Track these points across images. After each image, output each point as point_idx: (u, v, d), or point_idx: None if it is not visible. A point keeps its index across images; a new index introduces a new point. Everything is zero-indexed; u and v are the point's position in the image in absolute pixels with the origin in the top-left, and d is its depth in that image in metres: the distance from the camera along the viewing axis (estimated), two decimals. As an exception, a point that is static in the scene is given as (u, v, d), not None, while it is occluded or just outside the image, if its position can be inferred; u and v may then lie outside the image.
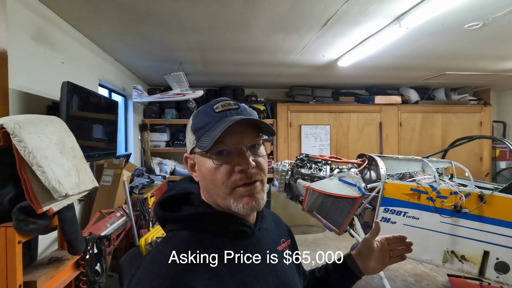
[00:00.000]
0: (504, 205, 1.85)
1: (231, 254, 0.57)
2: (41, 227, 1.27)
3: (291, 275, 0.68)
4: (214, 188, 0.60)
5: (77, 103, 1.99)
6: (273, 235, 0.71)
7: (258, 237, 0.65)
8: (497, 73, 4.04)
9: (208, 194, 0.63)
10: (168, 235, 0.61)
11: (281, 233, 0.75)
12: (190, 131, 0.63)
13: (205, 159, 0.60)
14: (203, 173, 0.61)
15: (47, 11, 2.02)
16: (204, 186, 0.63)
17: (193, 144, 0.61)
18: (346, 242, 3.88)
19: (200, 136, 0.59)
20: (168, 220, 0.63)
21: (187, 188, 0.67)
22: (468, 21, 2.29)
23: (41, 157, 1.15)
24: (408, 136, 4.99)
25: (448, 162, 2.31)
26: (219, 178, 0.58)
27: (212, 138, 0.56)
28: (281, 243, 0.72)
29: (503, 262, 1.84)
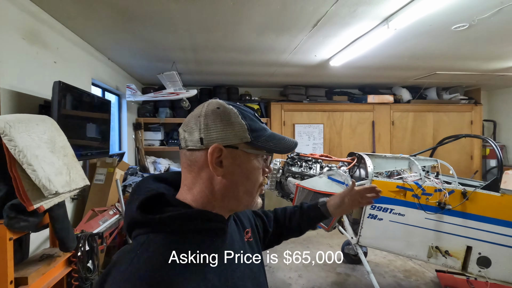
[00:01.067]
0: (486, 201, 1.91)
1: (211, 252, 0.60)
2: (32, 225, 1.30)
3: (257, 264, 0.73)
4: (249, 186, 0.64)
5: (68, 102, 2.01)
6: (239, 228, 0.75)
7: (230, 233, 0.68)
8: (487, 73, 4.12)
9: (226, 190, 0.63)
10: (141, 239, 0.57)
11: (243, 224, 0.79)
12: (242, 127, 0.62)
13: (252, 157, 0.63)
14: (243, 170, 0.63)
15: (39, 11, 2.03)
16: (228, 183, 0.62)
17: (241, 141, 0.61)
18: (339, 240, 3.93)
19: (258, 137, 0.63)
20: (143, 224, 0.59)
21: (158, 189, 0.64)
22: (455, 22, 2.34)
23: (32, 155, 1.18)
24: (400, 134, 5.06)
25: (434, 160, 2.37)
26: (258, 178, 0.65)
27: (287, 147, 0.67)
28: (245, 233, 0.77)
29: (485, 257, 1.90)
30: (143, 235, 0.58)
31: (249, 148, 0.63)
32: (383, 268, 3.20)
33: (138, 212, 0.59)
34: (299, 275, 3.05)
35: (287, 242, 3.94)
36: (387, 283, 2.90)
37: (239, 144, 0.62)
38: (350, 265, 3.27)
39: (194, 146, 0.62)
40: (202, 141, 0.61)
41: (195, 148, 0.62)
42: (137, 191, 0.64)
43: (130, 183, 2.96)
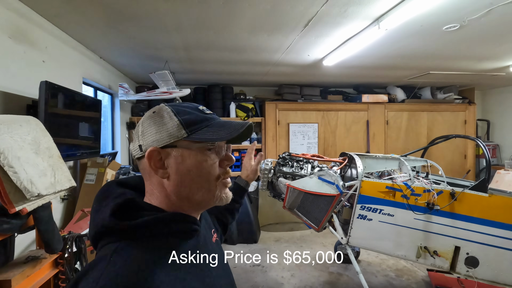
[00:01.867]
0: (474, 202, 1.92)
1: (186, 254, 0.59)
2: (15, 227, 1.29)
3: (227, 263, 0.75)
4: (200, 182, 0.61)
5: (56, 102, 1.99)
6: (207, 229, 0.75)
7: (203, 233, 0.68)
8: (480, 73, 4.14)
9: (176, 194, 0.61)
10: (111, 246, 0.55)
11: (210, 225, 0.79)
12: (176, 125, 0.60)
13: (195, 152, 0.61)
14: (188, 167, 0.60)
15: (26, 10, 2.01)
16: (178, 183, 0.61)
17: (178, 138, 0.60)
18: (332, 239, 3.95)
19: (195, 130, 0.60)
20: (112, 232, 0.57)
21: (126, 194, 0.63)
22: (446, 23, 2.35)
23: (13, 157, 1.16)
24: (394, 134, 5.08)
25: (424, 161, 2.38)
26: (211, 171, 0.62)
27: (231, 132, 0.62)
28: (213, 233, 0.77)
29: (473, 257, 1.92)
30: (113, 243, 0.55)
31: (188, 143, 0.61)
32: (375, 267, 3.22)
33: (111, 218, 0.57)
34: (292, 275, 3.06)
35: (280, 241, 3.94)
36: (379, 282, 2.91)
37: (177, 142, 0.60)
38: (342, 264, 3.28)
39: (137, 154, 0.62)
40: (141, 147, 0.61)
41: (139, 156, 0.62)
42: (104, 198, 0.62)
43: (121, 183, 2.94)
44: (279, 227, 4.45)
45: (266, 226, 4.47)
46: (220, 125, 0.63)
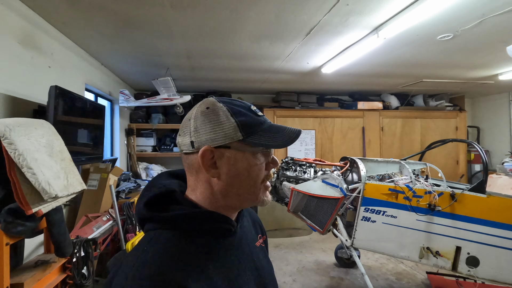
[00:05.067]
0: (473, 203, 1.99)
1: (217, 252, 0.59)
2: (28, 229, 1.29)
3: (269, 269, 0.72)
4: (248, 184, 0.62)
5: (64, 107, 2.00)
6: (251, 231, 0.74)
7: (240, 235, 0.67)
8: (470, 81, 4.30)
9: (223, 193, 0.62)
10: (149, 235, 0.58)
11: (257, 229, 0.79)
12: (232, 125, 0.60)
13: (247, 155, 0.61)
14: (239, 169, 0.61)
15: (35, 16, 2.03)
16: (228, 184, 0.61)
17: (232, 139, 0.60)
18: (331, 244, 3.97)
19: (251, 133, 0.60)
20: (152, 220, 0.60)
21: (168, 186, 0.64)
22: (440, 32, 2.46)
23: (31, 159, 1.18)
24: (389, 140, 5.19)
25: (423, 164, 2.45)
26: (259, 175, 0.62)
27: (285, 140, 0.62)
28: (258, 238, 0.75)
29: (474, 257, 1.98)
30: (152, 231, 0.59)
31: (242, 145, 0.61)
32: (375, 271, 3.25)
33: (145, 208, 0.60)
34: (294, 280, 3.07)
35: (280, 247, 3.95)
36: (380, 286, 2.94)
37: (231, 143, 0.60)
38: (343, 269, 3.30)
39: (187, 150, 0.61)
40: (193, 144, 0.60)
41: (189, 152, 0.61)
42: (150, 187, 0.64)
43: (123, 189, 2.93)
44: (278, 233, 4.46)
45: (265, 232, 4.46)
46: (274, 131, 0.63)
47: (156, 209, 0.60)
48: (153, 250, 0.54)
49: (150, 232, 0.59)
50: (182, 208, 0.60)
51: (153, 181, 0.67)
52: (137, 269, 0.51)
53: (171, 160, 4.93)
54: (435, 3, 1.88)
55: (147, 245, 0.55)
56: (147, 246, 0.55)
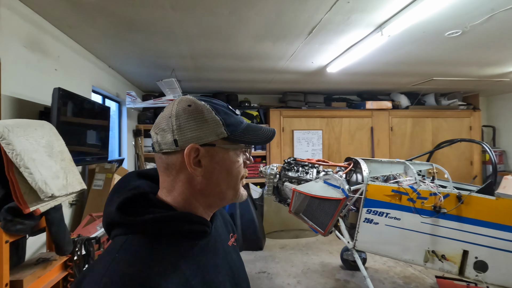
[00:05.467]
0: (481, 205, 1.91)
1: (193, 254, 0.58)
2: (28, 228, 1.32)
3: (242, 268, 0.72)
4: (230, 181, 0.63)
5: (68, 108, 2.05)
6: (224, 231, 0.74)
7: (214, 235, 0.66)
8: (484, 79, 4.15)
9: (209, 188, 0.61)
10: (119, 240, 0.55)
11: (229, 228, 0.78)
12: (217, 123, 0.60)
13: (230, 152, 0.62)
14: (223, 167, 0.61)
15: (41, 20, 2.09)
16: (213, 180, 0.61)
17: (218, 137, 0.60)
18: (338, 246, 3.91)
19: (234, 131, 0.61)
20: (122, 225, 0.56)
21: (139, 188, 0.62)
22: (448, 29, 2.38)
23: (29, 159, 1.21)
24: (399, 140, 5.07)
25: (429, 165, 2.38)
26: (239, 171, 0.64)
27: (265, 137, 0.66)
28: (230, 237, 0.75)
29: (482, 261, 1.89)
30: (122, 235, 0.55)
31: (226, 143, 0.61)
32: (382, 275, 3.18)
33: (117, 213, 0.56)
34: (298, 282, 3.03)
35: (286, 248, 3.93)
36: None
37: (216, 141, 0.60)
38: (349, 271, 3.25)
39: (168, 148, 0.59)
40: (177, 142, 0.58)
41: (170, 151, 0.59)
42: (119, 189, 0.61)
43: (128, 189, 2.98)
44: (284, 234, 4.43)
45: (271, 233, 4.45)
46: (253, 129, 0.65)
47: (130, 212, 0.57)
48: (126, 257, 0.51)
49: (120, 237, 0.55)
50: (158, 211, 0.58)
51: (122, 183, 0.64)
52: (108, 278, 0.47)
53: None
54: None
55: (119, 251, 0.52)
56: (118, 253, 0.52)
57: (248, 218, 3.98)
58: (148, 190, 0.62)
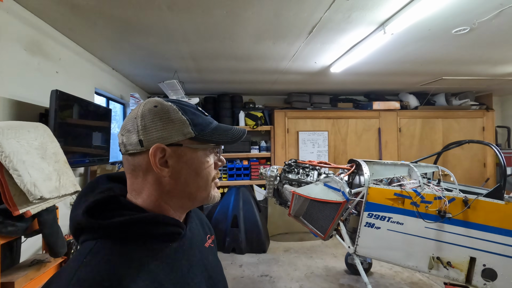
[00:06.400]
0: (490, 210, 1.81)
1: (167, 257, 0.57)
2: (20, 230, 1.32)
3: (219, 270, 0.71)
4: (199, 180, 0.62)
5: (67, 110, 2.06)
6: (200, 233, 0.72)
7: (189, 237, 0.65)
8: (496, 78, 3.99)
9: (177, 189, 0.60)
10: (87, 245, 0.53)
11: (205, 229, 0.77)
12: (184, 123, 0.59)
13: (198, 152, 0.61)
14: (190, 167, 0.60)
15: (41, 23, 2.12)
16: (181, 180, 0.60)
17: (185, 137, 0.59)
18: (343, 249, 3.82)
19: (201, 130, 0.61)
20: (91, 229, 0.55)
21: (110, 190, 0.61)
22: (455, 26, 2.29)
23: (18, 161, 1.20)
24: (408, 141, 4.94)
25: (434, 167, 2.28)
26: (209, 172, 0.63)
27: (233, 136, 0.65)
28: (207, 239, 0.74)
29: (491, 269, 1.79)
30: (90, 241, 0.53)
31: (194, 143, 0.61)
32: (388, 280, 3.08)
33: (84, 216, 0.54)
34: (300, 286, 2.97)
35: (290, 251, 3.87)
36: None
37: (183, 140, 0.59)
38: (354, 276, 3.16)
39: (134, 149, 0.58)
40: (142, 143, 0.57)
41: (135, 152, 0.58)
42: (87, 193, 0.60)
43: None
44: (288, 237, 4.37)
45: (275, 236, 4.39)
46: (223, 129, 0.65)
47: (98, 216, 0.55)
48: (96, 262, 0.49)
49: (88, 242, 0.53)
50: (128, 213, 0.56)
51: (90, 186, 0.62)
52: (76, 283, 0.45)
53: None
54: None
55: (87, 257, 0.50)
56: (86, 258, 0.50)
57: (251, 221, 3.94)
58: (118, 193, 0.61)
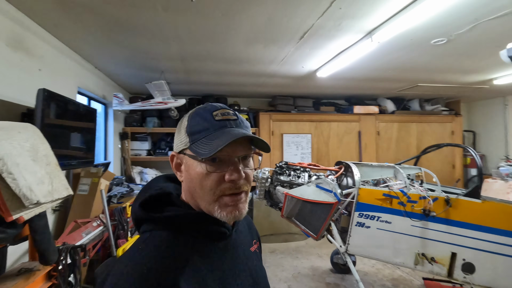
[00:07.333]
0: (468, 208, 1.96)
1: (211, 254, 0.60)
2: (10, 237, 1.24)
3: (263, 275, 0.71)
4: (200, 192, 0.59)
5: (53, 110, 1.96)
6: (247, 236, 0.74)
7: (235, 238, 0.67)
8: (466, 86, 4.31)
9: (190, 196, 0.63)
10: (145, 235, 0.60)
11: (252, 235, 0.78)
12: (184, 132, 0.61)
13: (196, 163, 0.59)
14: (191, 176, 0.60)
15: (25, 19, 2.00)
16: (188, 188, 0.62)
17: (185, 146, 0.61)
18: (328, 249, 3.93)
19: (195, 140, 0.59)
20: (148, 221, 0.61)
21: (164, 188, 0.66)
22: (434, 37, 2.46)
23: (12, 164, 1.14)
24: (385, 144, 5.18)
25: (417, 169, 2.43)
26: (208, 184, 0.58)
27: (213, 148, 0.56)
28: (253, 244, 0.75)
29: (469, 263, 1.94)
30: (148, 232, 0.60)
31: (189, 152, 0.61)
32: (371, 277, 3.21)
33: (140, 209, 0.62)
34: (289, 286, 3.02)
35: (276, 253, 3.90)
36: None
37: (185, 149, 0.62)
38: (339, 274, 3.26)
39: None
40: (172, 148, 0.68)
41: None
42: (146, 189, 0.67)
43: (115, 194, 2.88)
44: (274, 238, 4.41)
45: (260, 237, 4.42)
46: (214, 137, 0.58)
47: (151, 210, 0.62)
48: (147, 250, 0.56)
49: (145, 233, 0.60)
50: (175, 209, 0.62)
51: (149, 184, 0.70)
52: (130, 267, 0.52)
53: (166, 164, 4.88)
54: (428, 7, 1.87)
55: (142, 245, 0.57)
56: (141, 246, 0.57)
57: (237, 223, 3.93)
58: (172, 191, 0.66)
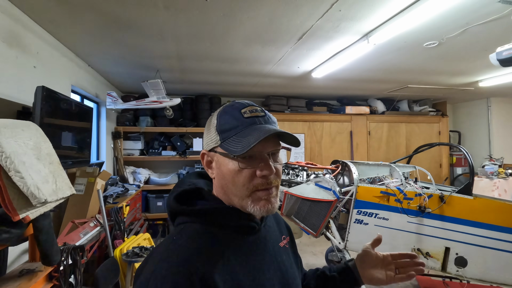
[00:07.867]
0: (461, 204, 2.06)
1: (241, 248, 0.62)
2: (14, 237, 1.22)
3: (292, 270, 0.72)
4: (233, 188, 0.62)
5: (51, 109, 1.92)
6: (275, 232, 0.75)
7: (264, 233, 0.68)
8: (452, 87, 4.47)
9: (223, 191, 0.65)
10: (179, 227, 0.63)
11: (281, 230, 0.79)
12: (214, 130, 0.63)
13: (228, 160, 0.61)
14: (223, 172, 0.62)
15: (20, 14, 1.95)
16: (220, 184, 0.65)
17: (216, 144, 0.63)
18: (321, 247, 3.99)
19: (226, 138, 0.61)
20: (181, 213, 0.65)
21: (196, 184, 0.70)
22: (427, 40, 2.55)
23: (19, 162, 1.12)
24: (376, 144, 5.30)
25: (412, 167, 2.52)
26: (240, 180, 0.60)
27: (246, 145, 0.57)
28: (282, 239, 0.76)
29: (462, 257, 2.03)
30: (182, 224, 0.63)
31: (220, 150, 0.63)
32: (365, 273, 3.28)
33: (174, 202, 0.66)
34: (285, 284, 3.05)
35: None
36: (368, 287, 2.97)
37: (216, 147, 0.64)
38: (334, 271, 3.32)
39: None
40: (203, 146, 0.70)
41: None
42: (180, 184, 0.71)
43: (111, 194, 2.84)
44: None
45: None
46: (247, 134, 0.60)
47: (185, 203, 0.65)
48: (181, 241, 0.58)
49: (180, 225, 0.64)
50: (207, 203, 0.65)
51: (182, 179, 0.74)
52: (165, 257, 0.55)
53: (159, 164, 4.83)
54: (423, 11, 1.94)
55: (177, 236, 0.60)
56: (176, 237, 0.60)
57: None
58: (204, 187, 0.70)
